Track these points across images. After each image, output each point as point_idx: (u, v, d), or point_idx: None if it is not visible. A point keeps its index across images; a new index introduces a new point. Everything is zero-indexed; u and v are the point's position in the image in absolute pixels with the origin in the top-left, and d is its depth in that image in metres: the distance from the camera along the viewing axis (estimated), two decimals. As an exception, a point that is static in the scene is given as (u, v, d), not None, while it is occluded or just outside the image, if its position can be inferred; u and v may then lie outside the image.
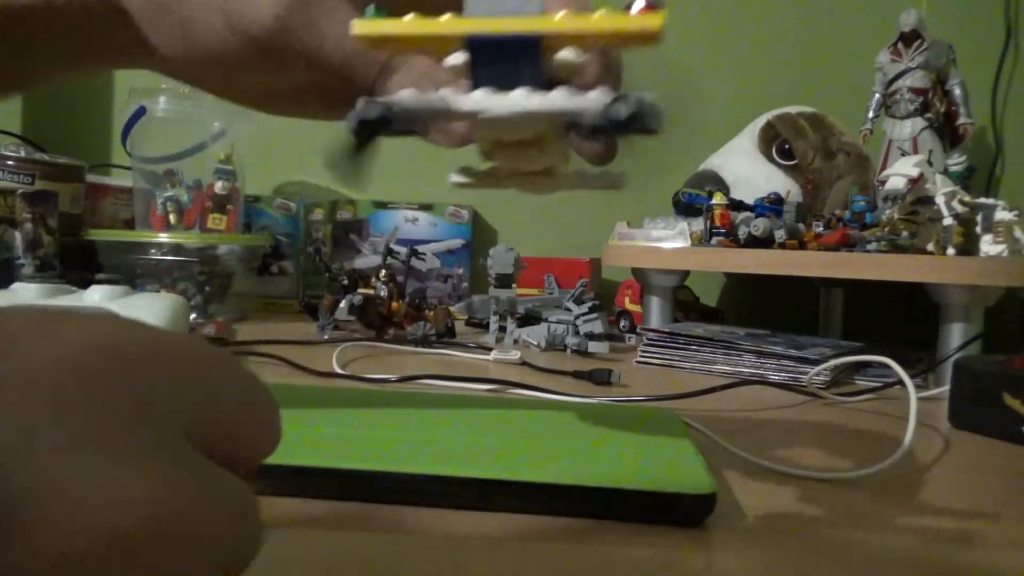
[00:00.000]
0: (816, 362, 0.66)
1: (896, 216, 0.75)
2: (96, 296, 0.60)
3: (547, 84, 0.21)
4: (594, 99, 0.20)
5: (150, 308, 0.61)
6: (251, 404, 0.17)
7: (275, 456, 0.31)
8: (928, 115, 0.97)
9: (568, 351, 0.78)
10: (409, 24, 0.20)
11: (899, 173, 0.78)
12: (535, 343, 0.81)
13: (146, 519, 0.12)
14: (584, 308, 0.80)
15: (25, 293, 0.60)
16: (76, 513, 0.11)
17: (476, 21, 0.20)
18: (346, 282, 0.84)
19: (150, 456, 0.13)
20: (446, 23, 0.20)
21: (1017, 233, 0.74)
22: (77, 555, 0.11)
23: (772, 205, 0.87)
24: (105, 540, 0.11)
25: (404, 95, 0.21)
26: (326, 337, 0.80)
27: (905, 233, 0.73)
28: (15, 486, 0.11)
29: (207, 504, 0.14)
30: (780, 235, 0.79)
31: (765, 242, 0.80)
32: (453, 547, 0.28)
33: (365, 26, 0.20)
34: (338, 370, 0.63)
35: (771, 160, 0.95)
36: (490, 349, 0.75)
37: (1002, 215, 0.75)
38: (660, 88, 0.20)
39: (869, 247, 0.74)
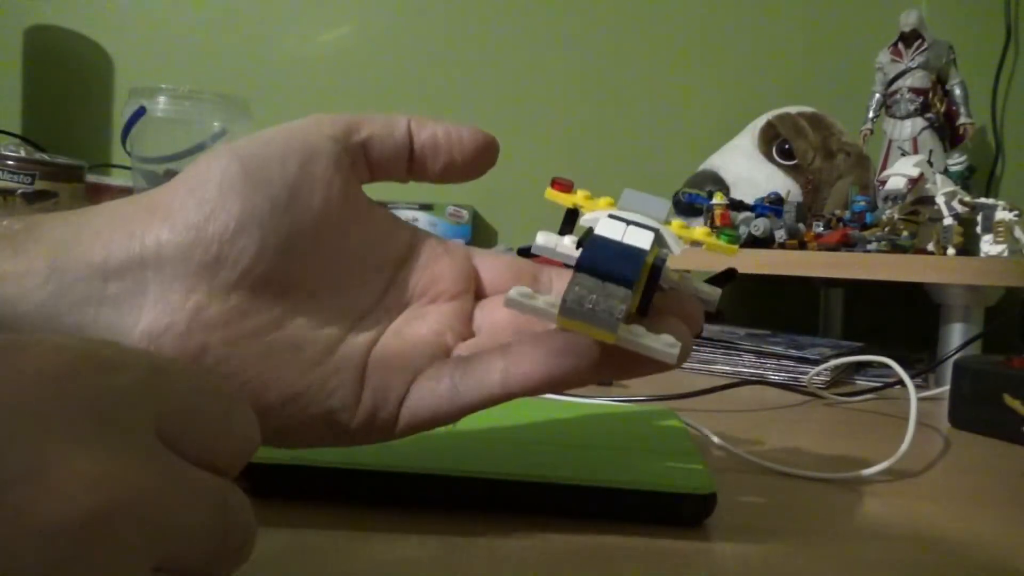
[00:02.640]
0: (816, 362, 0.66)
1: (896, 216, 0.75)
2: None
3: None
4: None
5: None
6: (224, 413, 0.18)
7: (276, 455, 0.31)
8: (928, 115, 0.96)
9: (568, 351, 0.78)
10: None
11: (899, 173, 0.78)
12: (535, 343, 0.81)
13: (117, 496, 0.14)
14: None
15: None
16: (55, 494, 0.13)
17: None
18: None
19: (119, 447, 0.15)
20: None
21: (1017, 233, 0.74)
22: (57, 532, 0.13)
23: (772, 205, 0.87)
24: (80, 517, 0.13)
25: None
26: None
27: (905, 233, 0.73)
28: (2, 473, 0.13)
29: (177, 489, 0.16)
30: (780, 235, 0.79)
31: (765, 242, 0.79)
32: (452, 547, 0.28)
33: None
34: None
35: (771, 160, 0.95)
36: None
37: (1002, 215, 0.75)
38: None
39: (869, 247, 0.74)
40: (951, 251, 0.71)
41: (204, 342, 0.25)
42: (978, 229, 0.73)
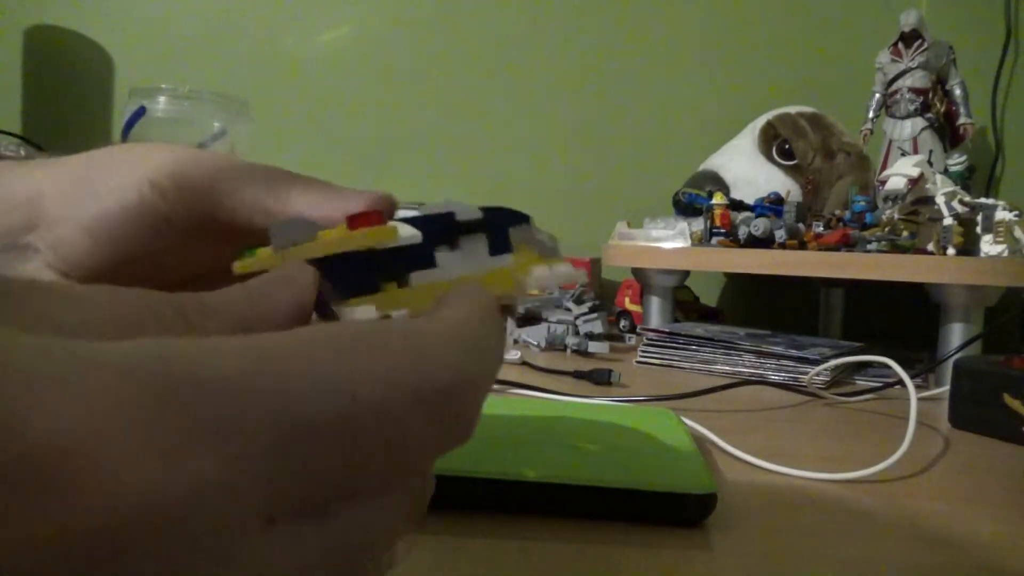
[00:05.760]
0: (816, 362, 0.66)
1: (896, 216, 0.75)
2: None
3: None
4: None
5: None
6: None
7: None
8: (928, 115, 0.96)
9: (568, 351, 0.78)
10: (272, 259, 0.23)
11: (899, 173, 0.78)
12: (535, 343, 0.81)
13: (180, 493, 0.13)
14: (584, 308, 0.80)
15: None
16: (116, 483, 0.12)
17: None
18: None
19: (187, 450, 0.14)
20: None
21: (1017, 233, 0.74)
22: (114, 524, 0.12)
23: (772, 205, 0.87)
24: (143, 511, 0.12)
25: None
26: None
27: (905, 233, 0.73)
28: (55, 446, 0.12)
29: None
30: (780, 235, 0.79)
31: (765, 242, 0.79)
32: (452, 547, 0.28)
33: (243, 265, 0.24)
34: (338, 370, 0.63)
35: (771, 160, 0.95)
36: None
37: (1002, 215, 0.75)
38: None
39: (869, 247, 0.74)
40: (951, 251, 0.71)
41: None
42: (978, 229, 0.73)
